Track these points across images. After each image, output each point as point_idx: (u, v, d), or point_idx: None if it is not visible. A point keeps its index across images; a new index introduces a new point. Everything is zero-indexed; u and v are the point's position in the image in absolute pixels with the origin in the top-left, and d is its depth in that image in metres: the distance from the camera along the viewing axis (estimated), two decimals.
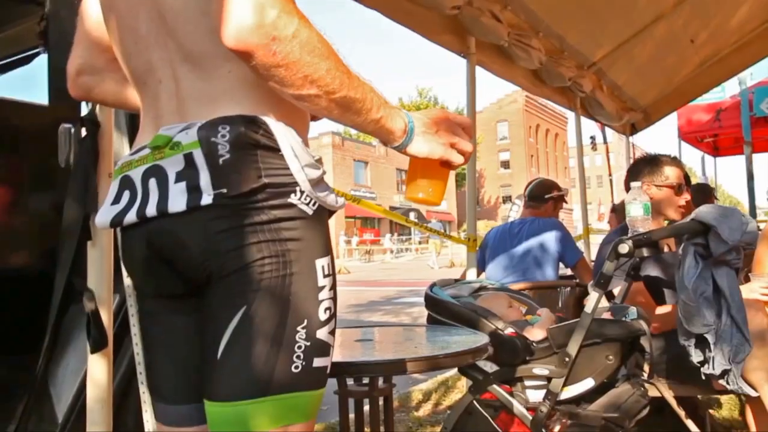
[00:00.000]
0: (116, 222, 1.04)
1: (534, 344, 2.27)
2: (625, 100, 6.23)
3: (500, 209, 57.23)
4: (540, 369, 2.26)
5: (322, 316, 1.01)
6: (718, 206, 2.08)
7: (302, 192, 0.99)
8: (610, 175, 7.94)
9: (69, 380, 1.82)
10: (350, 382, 1.70)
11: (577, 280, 3.78)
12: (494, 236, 4.03)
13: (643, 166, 2.94)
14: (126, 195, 1.04)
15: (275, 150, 0.97)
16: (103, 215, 1.07)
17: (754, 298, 2.55)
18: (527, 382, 2.32)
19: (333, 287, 1.05)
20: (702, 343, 2.15)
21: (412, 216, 42.49)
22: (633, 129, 6.99)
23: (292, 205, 0.98)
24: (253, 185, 0.94)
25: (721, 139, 9.62)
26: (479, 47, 3.70)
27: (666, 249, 2.78)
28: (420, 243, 38.83)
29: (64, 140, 1.58)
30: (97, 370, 1.60)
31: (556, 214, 4.12)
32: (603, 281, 2.13)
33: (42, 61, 2.33)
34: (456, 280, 2.84)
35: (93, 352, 1.56)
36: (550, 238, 3.77)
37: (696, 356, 2.18)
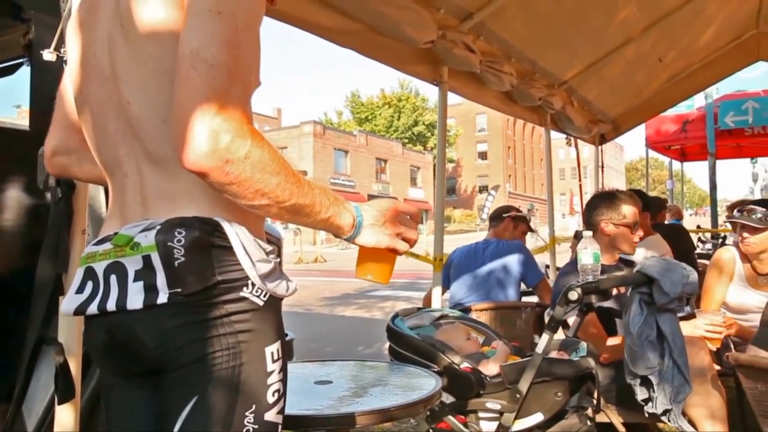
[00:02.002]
0: (79, 311, 1.11)
1: (488, 379, 2.37)
2: (594, 113, 6.35)
3: (476, 199, 57.58)
4: (492, 403, 2.35)
5: (270, 399, 1.08)
6: (662, 260, 2.18)
7: (253, 285, 1.06)
8: (579, 180, 8.08)
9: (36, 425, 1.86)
10: None
11: (538, 301, 3.90)
12: (459, 256, 4.11)
13: (601, 203, 3.04)
14: (89, 286, 1.11)
15: (228, 248, 1.04)
16: (68, 303, 1.14)
17: (697, 336, 2.67)
18: (481, 414, 2.42)
19: (282, 369, 1.12)
20: (646, 383, 2.27)
21: None
22: (602, 139, 7.12)
23: (244, 299, 1.05)
24: (206, 283, 1.01)
25: (688, 147, 9.86)
26: (451, 74, 3.75)
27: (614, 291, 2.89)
28: None
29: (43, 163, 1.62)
30: (65, 418, 1.65)
31: (517, 233, 4.22)
32: (554, 324, 2.23)
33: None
34: (419, 309, 2.92)
35: (60, 403, 1.61)
36: (512, 260, 3.87)
37: (641, 394, 2.29)
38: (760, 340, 2.51)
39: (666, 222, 6.04)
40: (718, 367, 2.89)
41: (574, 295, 2.15)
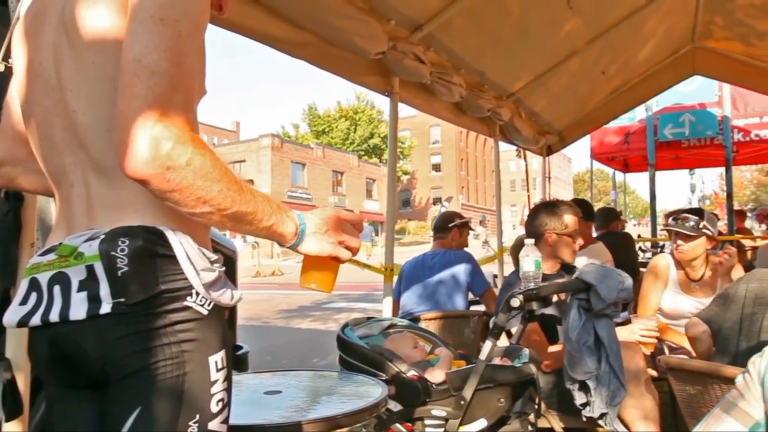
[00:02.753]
0: (22, 323, 1.09)
1: (433, 386, 2.37)
2: (542, 124, 6.49)
3: (430, 210, 57.98)
4: (438, 410, 2.36)
5: (214, 408, 1.07)
6: (599, 266, 2.22)
7: (197, 294, 1.05)
8: (528, 191, 8.22)
9: None
10: None
11: (485, 309, 3.93)
12: (409, 267, 4.12)
13: (544, 213, 3.08)
14: (33, 297, 1.09)
15: (172, 257, 1.03)
16: (11, 315, 1.11)
17: (633, 340, 2.73)
18: (427, 421, 2.42)
19: (227, 378, 1.11)
20: (584, 388, 2.30)
21: None
22: (549, 150, 7.26)
23: (188, 308, 1.04)
24: (150, 293, 1.00)
25: (630, 158, 10.15)
26: (402, 85, 3.78)
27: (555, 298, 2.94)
28: None
29: None
30: None
31: (463, 240, 4.25)
32: (496, 331, 2.25)
33: None
34: (368, 318, 2.91)
35: (7, 420, 1.56)
36: (460, 270, 3.90)
37: (579, 399, 2.33)
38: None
39: (619, 231, 6.17)
40: (654, 372, 2.97)
41: (515, 302, 2.17)
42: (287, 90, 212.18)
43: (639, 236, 10.88)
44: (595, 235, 5.46)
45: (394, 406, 2.42)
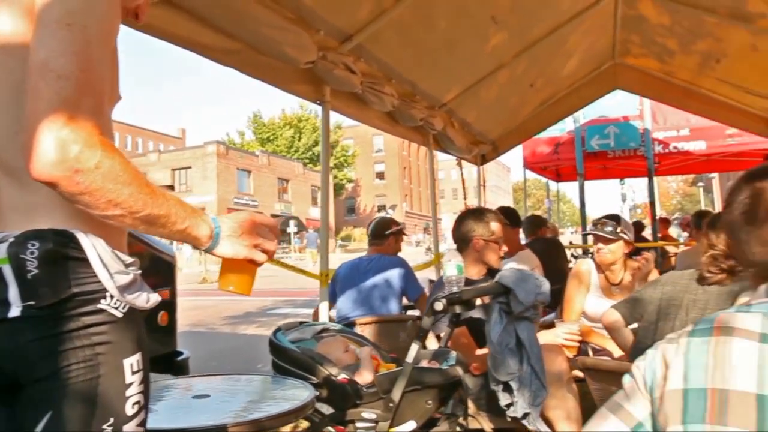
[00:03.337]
0: None
1: (363, 389, 2.37)
2: (475, 134, 6.59)
3: (374, 218, 58.05)
4: (368, 413, 2.35)
5: (130, 411, 1.05)
6: (517, 271, 2.27)
7: (112, 297, 1.04)
8: (465, 199, 8.34)
9: None
10: None
11: (419, 314, 3.96)
12: (344, 271, 4.10)
13: (472, 220, 3.13)
14: None
15: (84, 260, 1.01)
16: None
17: (557, 343, 2.81)
18: (358, 424, 2.41)
19: (143, 381, 1.09)
20: (508, 389, 2.34)
21: (291, 224, 42.21)
22: (483, 159, 7.39)
23: (101, 311, 1.02)
24: (61, 296, 0.98)
25: (562, 168, 10.45)
26: (334, 94, 3.76)
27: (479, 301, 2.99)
28: (296, 252, 38.63)
29: None
30: None
31: (398, 246, 4.28)
32: (422, 335, 2.27)
33: None
34: (301, 323, 2.90)
35: None
36: (394, 275, 3.91)
37: (503, 400, 2.36)
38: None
39: (547, 237, 6.32)
40: (580, 373, 3.05)
41: (439, 306, 2.19)
42: (233, 97, 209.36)
43: (570, 243, 11.20)
44: (524, 241, 5.60)
45: (326, 410, 2.42)
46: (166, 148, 58.62)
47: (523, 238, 5.83)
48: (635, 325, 2.65)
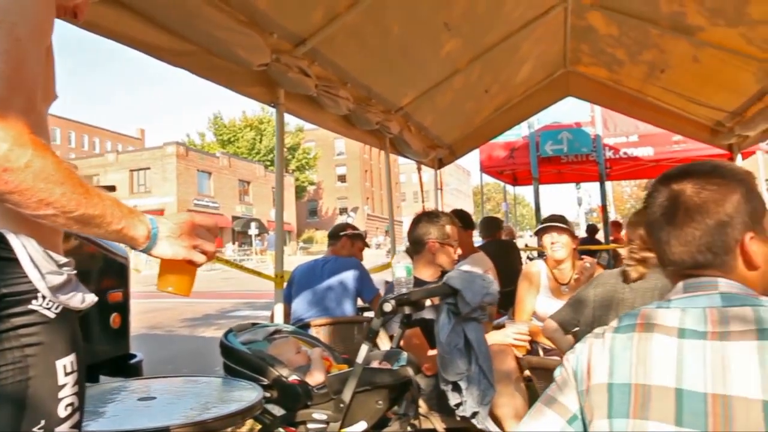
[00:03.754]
0: None
1: (314, 390, 2.37)
2: (432, 138, 6.64)
3: (337, 220, 57.97)
4: (319, 414, 2.35)
5: (63, 413, 1.03)
6: (464, 272, 2.30)
7: (44, 298, 1.01)
8: (423, 202, 8.40)
9: None
10: None
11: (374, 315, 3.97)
12: (300, 273, 4.09)
13: (426, 223, 3.15)
14: None
15: (14, 260, 0.99)
16: None
17: (506, 343, 2.85)
18: (310, 425, 2.41)
19: (78, 382, 1.06)
20: (457, 389, 2.36)
21: (253, 226, 41.78)
22: (440, 163, 7.45)
23: (32, 311, 1.00)
24: None
25: (518, 172, 10.62)
26: (288, 97, 3.74)
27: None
28: (258, 254, 38.29)
29: None
30: None
31: (355, 251, 4.29)
32: (371, 336, 2.28)
33: None
34: (253, 324, 2.88)
35: None
36: (349, 276, 3.91)
37: (453, 399, 2.38)
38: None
39: (503, 239, 6.41)
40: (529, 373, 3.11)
41: (388, 307, 2.20)
42: (193, 99, 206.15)
43: (526, 245, 11.37)
44: (480, 243, 5.67)
45: (277, 411, 2.41)
46: (125, 148, 57.46)
47: (480, 239, 5.92)
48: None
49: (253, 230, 41.41)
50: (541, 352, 3.48)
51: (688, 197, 1.11)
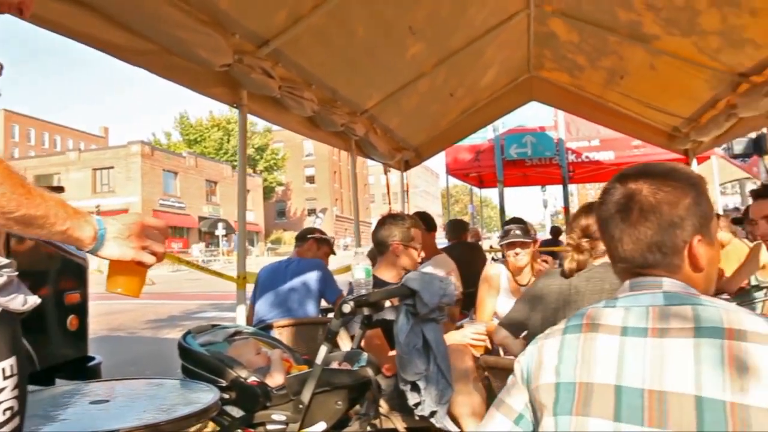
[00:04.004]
0: None
1: (274, 391, 2.37)
2: (397, 140, 6.67)
3: (305, 221, 57.72)
4: (278, 415, 2.35)
5: (1, 417, 1.01)
6: (422, 273, 2.33)
7: None
8: (389, 204, 8.43)
9: None
10: None
11: None
12: (265, 274, 4.07)
13: (391, 225, 3.17)
14: None
15: None
16: None
17: (464, 343, 2.88)
18: (269, 426, 2.40)
19: (17, 386, 1.05)
20: (416, 388, 2.39)
21: (220, 227, 41.32)
22: (407, 165, 7.49)
23: None
24: None
25: (484, 174, 10.73)
26: (251, 98, 3.71)
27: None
28: (225, 255, 37.89)
29: None
30: None
31: (320, 255, 4.29)
32: (330, 336, 2.28)
33: None
34: (213, 325, 2.85)
35: None
36: (312, 278, 3.91)
37: (412, 399, 2.40)
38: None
39: (468, 242, 6.46)
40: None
41: (347, 308, 2.21)
42: (159, 98, 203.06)
43: (491, 247, 11.48)
44: (446, 245, 5.72)
45: (236, 412, 2.40)
46: (87, 146, 56.25)
47: (445, 242, 5.97)
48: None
49: (220, 231, 40.96)
50: (501, 352, 3.53)
51: (643, 197, 1.14)
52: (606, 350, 1.09)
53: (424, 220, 4.36)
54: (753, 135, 9.92)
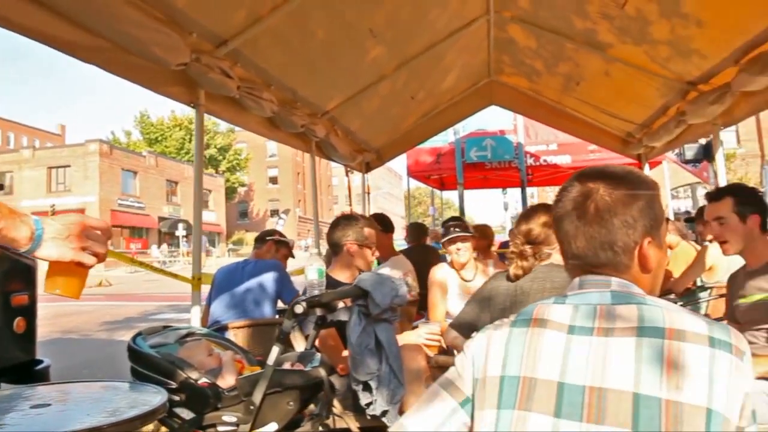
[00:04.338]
0: None
1: (225, 393, 2.34)
2: (359, 142, 6.67)
3: (268, 222, 57.22)
4: (229, 416, 2.33)
5: None
6: (375, 274, 2.34)
7: None
8: (350, 206, 8.43)
9: None
10: None
11: None
12: (222, 275, 4.04)
13: (345, 225, 3.19)
14: None
15: None
16: None
17: (418, 343, 2.91)
18: (219, 428, 2.38)
19: None
20: (368, 388, 2.40)
21: (180, 227, 40.62)
22: (368, 167, 7.50)
23: None
24: None
25: (445, 177, 10.81)
26: (209, 98, 3.67)
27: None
28: (186, 255, 37.28)
29: None
30: None
31: (279, 257, 4.27)
32: (282, 337, 2.28)
33: None
34: (164, 327, 2.81)
35: None
36: (269, 278, 3.89)
37: (364, 399, 2.42)
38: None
39: (426, 244, 6.51)
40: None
41: (299, 309, 2.21)
42: (120, 96, 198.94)
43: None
44: (405, 247, 5.77)
45: (186, 414, 2.37)
46: (43, 144, 54.70)
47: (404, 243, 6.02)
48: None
49: (180, 231, 40.29)
50: (456, 351, 3.57)
51: (600, 196, 1.17)
52: (552, 347, 1.11)
53: (382, 222, 4.39)
54: (703, 141, 10.23)
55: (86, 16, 2.57)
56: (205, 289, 3.97)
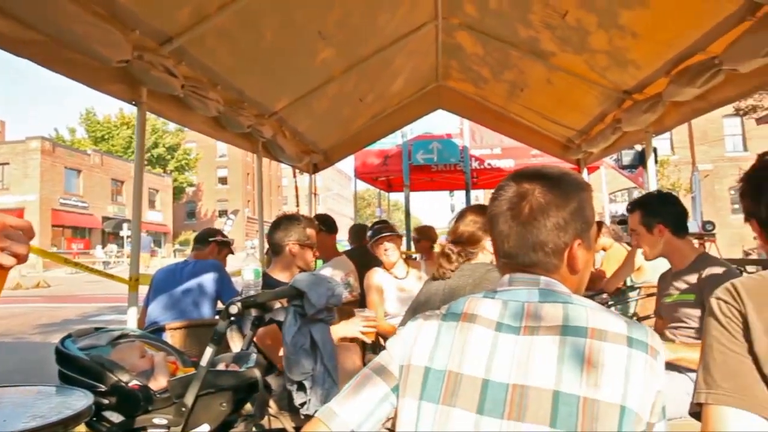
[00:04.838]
0: None
1: (156, 395, 2.28)
2: (307, 143, 6.63)
3: (216, 222, 56.20)
4: (159, 419, 2.28)
5: None
6: (311, 275, 2.33)
7: None
8: (297, 206, 8.37)
9: None
10: None
11: None
12: (160, 276, 3.95)
13: (289, 226, 3.17)
14: None
15: None
16: None
17: (356, 331, 2.89)
18: (150, 431, 2.32)
19: None
20: (302, 388, 2.38)
21: (125, 227, 39.43)
22: (315, 168, 7.45)
23: None
24: None
25: (392, 179, 10.86)
26: (152, 96, 3.57)
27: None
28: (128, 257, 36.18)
29: None
30: None
31: (221, 259, 4.20)
32: (217, 337, 2.23)
33: None
34: (96, 329, 2.72)
35: None
36: (208, 279, 3.82)
37: (298, 399, 2.40)
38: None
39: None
40: None
41: (234, 309, 2.18)
42: (63, 92, 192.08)
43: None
44: (349, 248, 5.76)
45: (116, 417, 2.29)
46: None
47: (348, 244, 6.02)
48: None
49: (125, 231, 39.12)
50: None
51: (534, 197, 1.19)
52: (479, 343, 1.12)
53: (325, 222, 4.38)
54: (639, 147, 10.60)
55: (16, 5, 2.44)
56: (144, 290, 3.87)
